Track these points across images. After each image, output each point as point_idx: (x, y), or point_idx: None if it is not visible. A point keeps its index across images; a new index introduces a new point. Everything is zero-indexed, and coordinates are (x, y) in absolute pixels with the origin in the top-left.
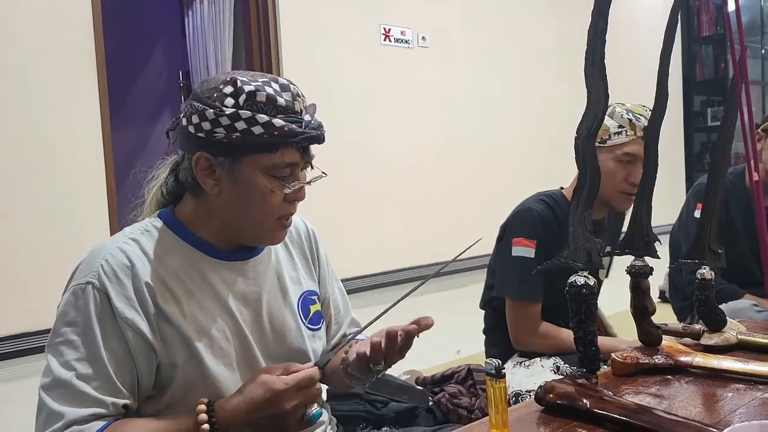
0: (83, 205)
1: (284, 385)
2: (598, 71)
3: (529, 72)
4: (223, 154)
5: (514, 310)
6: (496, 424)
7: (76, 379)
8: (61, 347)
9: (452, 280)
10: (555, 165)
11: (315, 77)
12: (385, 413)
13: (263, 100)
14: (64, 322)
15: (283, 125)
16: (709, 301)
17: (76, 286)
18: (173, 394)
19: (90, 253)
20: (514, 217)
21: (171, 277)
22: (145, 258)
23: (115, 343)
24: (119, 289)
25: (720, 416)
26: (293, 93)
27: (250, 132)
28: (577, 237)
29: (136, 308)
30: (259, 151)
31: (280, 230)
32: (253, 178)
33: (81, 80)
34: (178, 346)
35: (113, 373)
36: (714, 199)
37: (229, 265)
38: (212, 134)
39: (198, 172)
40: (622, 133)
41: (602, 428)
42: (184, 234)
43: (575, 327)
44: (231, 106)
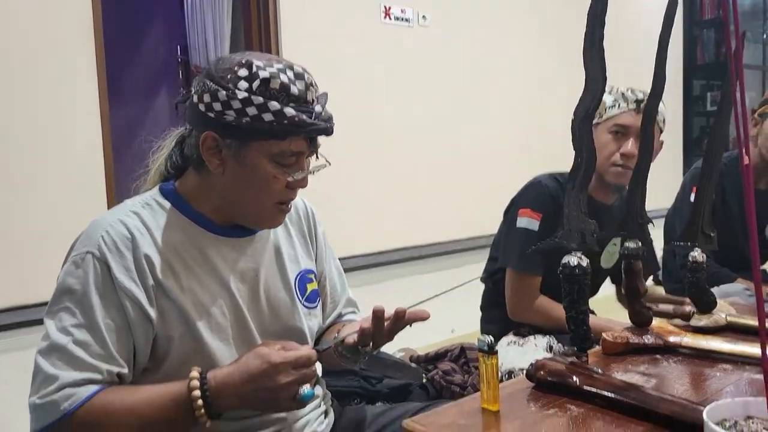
0: (81, 178)
1: (282, 359)
2: (596, 53)
3: (531, 51)
4: (231, 137)
5: (513, 280)
6: (488, 399)
7: (72, 344)
8: (59, 314)
9: (448, 261)
10: (558, 144)
11: (314, 54)
12: (380, 389)
13: (276, 87)
14: (64, 290)
15: (294, 115)
16: (699, 284)
17: (76, 255)
18: (170, 367)
19: (90, 225)
20: (524, 190)
21: (170, 251)
22: (145, 231)
23: (114, 312)
24: (119, 260)
25: (706, 395)
26: (307, 82)
27: (260, 119)
28: (571, 218)
29: (135, 280)
30: (268, 138)
31: (279, 215)
32: (259, 164)
33: (79, 54)
34: (175, 319)
35: (109, 341)
36: (708, 183)
37: (228, 241)
38: (222, 116)
39: (204, 151)
40: (616, 105)
41: (591, 404)
42: (184, 209)
43: (568, 306)
44: (244, 90)
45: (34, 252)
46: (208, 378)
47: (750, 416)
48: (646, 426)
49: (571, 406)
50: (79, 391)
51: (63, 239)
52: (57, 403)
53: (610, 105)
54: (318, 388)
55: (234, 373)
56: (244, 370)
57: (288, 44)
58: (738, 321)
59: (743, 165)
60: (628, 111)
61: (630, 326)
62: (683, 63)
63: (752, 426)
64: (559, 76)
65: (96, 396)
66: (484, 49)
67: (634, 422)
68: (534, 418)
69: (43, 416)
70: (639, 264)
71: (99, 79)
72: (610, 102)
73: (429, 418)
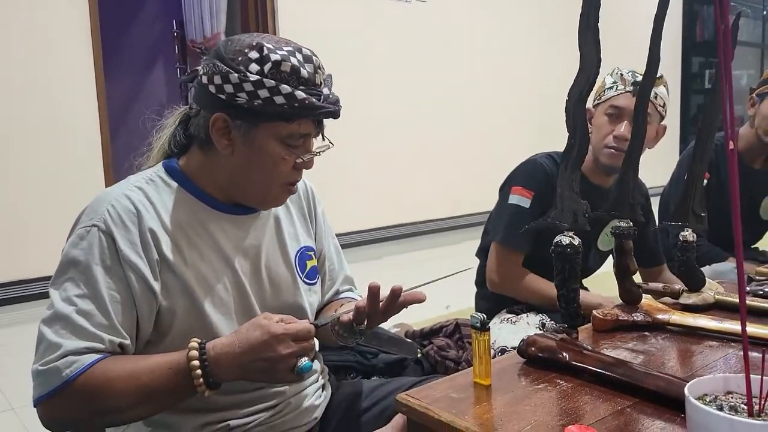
0: (78, 154)
1: (283, 330)
2: (591, 35)
3: (531, 27)
4: (242, 118)
5: (497, 253)
6: (480, 374)
7: (76, 314)
8: (64, 284)
9: (444, 238)
10: (556, 122)
11: (311, 30)
12: (375, 364)
13: (287, 70)
14: (69, 261)
15: (304, 98)
16: (689, 263)
17: (81, 228)
18: (173, 341)
19: (95, 199)
20: (519, 168)
21: (174, 226)
22: (150, 206)
23: (117, 284)
24: (124, 233)
25: (692, 370)
26: (315, 65)
27: (272, 101)
28: (564, 198)
29: (139, 253)
30: (277, 120)
31: (284, 195)
32: (267, 145)
33: (74, 29)
34: (179, 294)
35: (113, 312)
36: (700, 163)
37: (231, 218)
38: (234, 98)
39: (214, 132)
40: (614, 87)
41: (580, 380)
42: (188, 185)
43: (559, 284)
44: (255, 73)
45: (30, 227)
46: (207, 348)
47: (730, 391)
48: (633, 400)
49: (561, 380)
50: (81, 359)
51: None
52: (59, 370)
53: (609, 86)
54: (316, 362)
55: (234, 343)
56: (244, 340)
57: (284, 20)
58: (725, 299)
59: (728, 150)
60: (625, 93)
61: (620, 304)
62: (682, 40)
63: (731, 401)
64: (558, 53)
65: (97, 364)
66: (482, 26)
67: (621, 396)
68: (524, 392)
69: (44, 382)
70: (630, 243)
71: (94, 53)
72: (609, 83)
73: (423, 391)
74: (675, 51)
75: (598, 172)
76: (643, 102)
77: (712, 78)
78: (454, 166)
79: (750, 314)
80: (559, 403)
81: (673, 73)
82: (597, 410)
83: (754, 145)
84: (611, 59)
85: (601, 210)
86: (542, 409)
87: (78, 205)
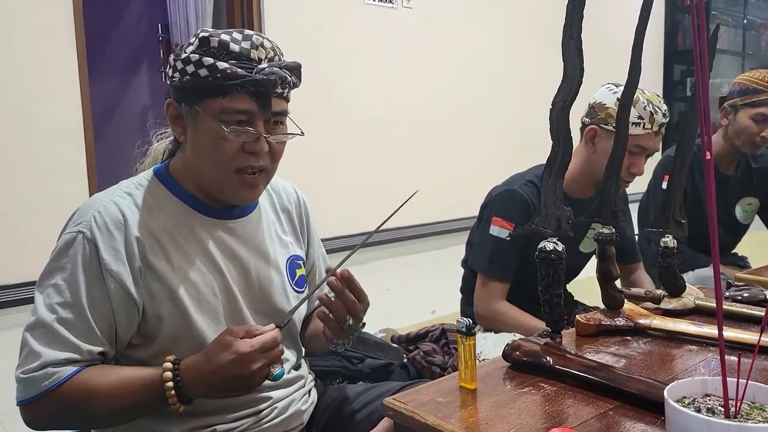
0: (62, 157)
1: (250, 348)
2: (574, 45)
3: (516, 34)
4: (183, 100)
5: (480, 283)
6: (466, 378)
7: (57, 323)
8: (48, 289)
9: (429, 242)
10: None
11: (297, 34)
12: (361, 369)
13: (215, 45)
14: (54, 266)
15: (226, 68)
16: (670, 269)
17: (68, 234)
18: (160, 345)
19: (85, 204)
20: (498, 197)
21: (162, 231)
22: (137, 212)
23: (97, 291)
24: (108, 240)
25: (672, 374)
26: (255, 42)
27: (196, 75)
28: (548, 205)
29: (123, 261)
30: (211, 96)
31: (243, 186)
32: (207, 124)
33: (59, 31)
34: (165, 299)
35: (92, 319)
36: (680, 172)
37: (220, 223)
38: (173, 79)
39: (169, 119)
40: (640, 124)
41: (563, 383)
42: (175, 189)
43: (543, 290)
44: (190, 53)
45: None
46: (181, 368)
47: (708, 394)
48: (615, 403)
49: (545, 384)
50: (60, 371)
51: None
52: (39, 380)
53: (634, 121)
54: (303, 368)
55: (204, 365)
56: (214, 361)
57: (270, 23)
58: (705, 304)
59: (705, 160)
60: (651, 133)
61: (602, 308)
62: (664, 48)
63: (709, 403)
64: (544, 60)
65: (75, 376)
66: (467, 31)
67: (603, 400)
68: (509, 395)
69: (25, 389)
70: (612, 249)
71: (79, 56)
72: (634, 118)
73: (409, 395)
74: (657, 59)
75: (579, 185)
76: (625, 110)
77: (693, 86)
78: (440, 170)
79: (729, 319)
80: (543, 407)
81: (655, 81)
82: (580, 413)
83: (726, 151)
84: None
85: (583, 216)
86: (527, 413)
87: (61, 209)
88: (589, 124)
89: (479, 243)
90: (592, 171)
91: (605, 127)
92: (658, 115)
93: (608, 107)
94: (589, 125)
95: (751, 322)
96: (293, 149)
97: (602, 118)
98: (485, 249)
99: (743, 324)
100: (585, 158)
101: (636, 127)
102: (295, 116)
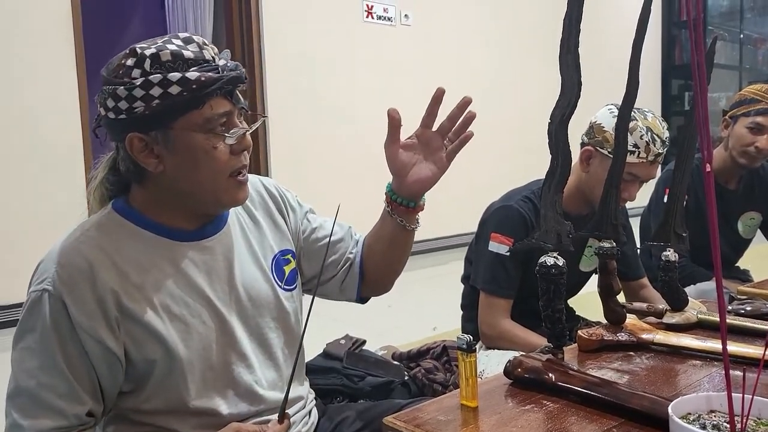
0: (59, 181)
1: None
2: (572, 59)
3: (514, 51)
4: (153, 127)
5: (484, 301)
6: (467, 396)
7: (37, 388)
8: (23, 353)
9: (430, 259)
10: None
11: (297, 52)
12: (362, 387)
13: (169, 58)
14: (25, 327)
15: (198, 76)
16: (672, 282)
17: (34, 292)
18: (152, 388)
19: (47, 255)
20: (495, 213)
21: (135, 270)
22: (104, 256)
23: (72, 349)
24: (77, 294)
25: (676, 390)
26: (198, 43)
27: (168, 95)
28: (548, 219)
29: (95, 315)
30: (186, 111)
31: (238, 188)
32: (191, 141)
33: (58, 53)
34: (153, 342)
35: (73, 380)
36: (680, 185)
37: (195, 245)
38: (132, 111)
39: (136, 155)
40: (635, 153)
41: (566, 400)
42: (142, 222)
43: (544, 305)
44: (140, 76)
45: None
46: None
47: (713, 410)
48: (619, 420)
49: (547, 401)
50: None
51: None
52: None
53: (628, 150)
54: (305, 385)
55: None
56: None
57: (270, 44)
58: (708, 318)
59: (705, 173)
60: (646, 163)
61: (605, 324)
62: (661, 63)
63: (714, 419)
64: (542, 76)
65: None
66: (466, 47)
67: (607, 417)
68: (511, 413)
69: None
70: (613, 263)
71: (78, 77)
72: (629, 146)
73: (410, 414)
74: (655, 73)
75: (574, 202)
76: (623, 126)
77: (691, 100)
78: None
79: (732, 333)
80: (545, 424)
81: (654, 95)
82: (583, 431)
83: (728, 165)
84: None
85: (584, 230)
86: (529, 431)
87: (57, 229)
88: (586, 144)
89: (479, 260)
90: (584, 189)
91: (601, 150)
92: (656, 144)
93: (606, 131)
94: (587, 145)
95: (755, 336)
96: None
97: (599, 141)
98: (485, 266)
99: (747, 338)
100: (579, 177)
101: (630, 155)
102: (294, 130)
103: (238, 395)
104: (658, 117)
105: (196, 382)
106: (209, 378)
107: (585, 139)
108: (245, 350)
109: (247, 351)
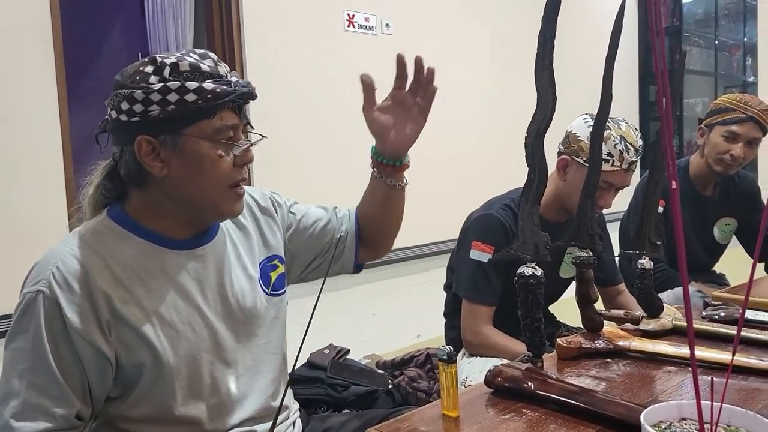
0: (41, 191)
1: None
2: (547, 75)
3: (496, 60)
4: (164, 132)
5: (466, 308)
6: (448, 406)
7: (27, 389)
8: (14, 353)
9: (413, 266)
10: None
11: (278, 62)
12: (346, 396)
13: (187, 69)
14: (18, 329)
15: (214, 87)
16: (648, 290)
17: (28, 293)
18: (139, 394)
19: (43, 257)
20: (476, 221)
21: (128, 276)
22: (99, 261)
23: (65, 352)
24: (71, 297)
25: (651, 396)
26: (213, 59)
27: (183, 101)
28: (525, 231)
29: (87, 318)
30: (198, 119)
31: (237, 200)
32: (199, 148)
33: (38, 62)
34: (142, 347)
35: (64, 382)
36: (653, 195)
37: (188, 254)
38: (147, 114)
39: (143, 158)
40: (610, 161)
41: (546, 408)
42: (138, 229)
43: (523, 314)
44: (158, 82)
45: None
46: None
47: (684, 418)
48: (596, 427)
49: (527, 410)
50: None
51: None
52: None
53: (603, 158)
54: (288, 398)
55: None
56: None
57: (251, 52)
58: (682, 325)
59: (671, 189)
60: (620, 171)
61: (583, 331)
62: (639, 69)
63: (685, 427)
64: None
65: None
66: (447, 57)
67: (584, 424)
68: (491, 422)
69: None
70: (590, 272)
71: (59, 85)
72: (604, 154)
73: (391, 425)
74: (632, 80)
75: (552, 209)
76: (597, 138)
77: None
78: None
79: (706, 339)
80: None
81: (631, 102)
82: None
83: (704, 172)
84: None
85: (561, 240)
86: None
87: (41, 241)
88: (563, 153)
89: (461, 268)
90: (562, 197)
91: (577, 159)
92: (630, 153)
93: (581, 140)
94: (563, 154)
95: (728, 342)
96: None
97: (574, 150)
98: (467, 274)
99: (720, 344)
100: (557, 185)
101: (605, 164)
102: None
103: (223, 404)
104: (631, 126)
105: (183, 389)
106: (195, 385)
107: (561, 148)
108: (233, 358)
109: (236, 359)
